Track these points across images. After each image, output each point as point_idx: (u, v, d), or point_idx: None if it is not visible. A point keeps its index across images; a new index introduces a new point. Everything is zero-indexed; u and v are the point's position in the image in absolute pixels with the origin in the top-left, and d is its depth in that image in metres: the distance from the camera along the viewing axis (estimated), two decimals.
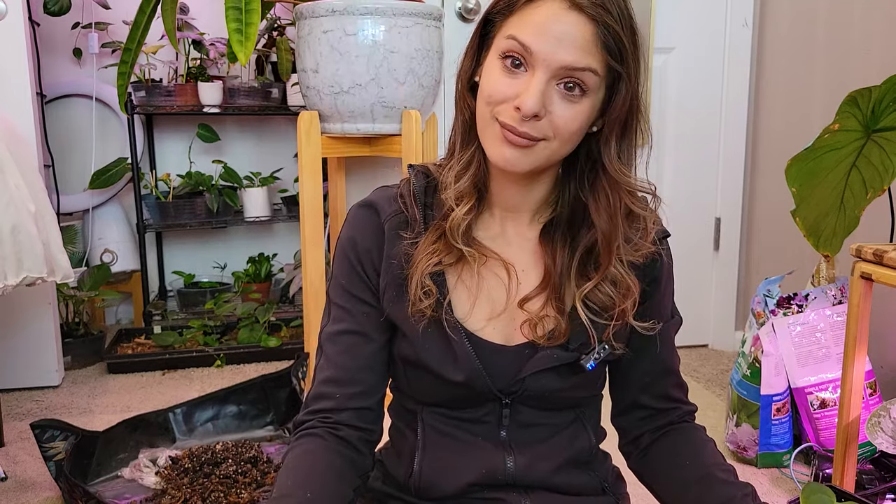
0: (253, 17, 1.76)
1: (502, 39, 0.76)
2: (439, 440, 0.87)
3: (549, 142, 0.76)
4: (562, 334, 0.82)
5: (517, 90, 0.74)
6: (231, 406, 1.96)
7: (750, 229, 2.64)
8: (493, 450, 0.86)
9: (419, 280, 0.80)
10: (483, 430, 0.86)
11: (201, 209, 2.79)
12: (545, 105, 0.74)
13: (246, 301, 2.77)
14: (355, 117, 1.92)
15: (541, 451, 0.87)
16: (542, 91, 0.73)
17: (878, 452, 1.62)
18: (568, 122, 0.75)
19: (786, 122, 2.47)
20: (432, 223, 0.83)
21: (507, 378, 0.83)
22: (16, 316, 2.21)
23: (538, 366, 0.82)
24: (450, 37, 2.06)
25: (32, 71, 2.20)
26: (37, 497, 1.65)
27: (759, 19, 2.52)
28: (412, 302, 0.81)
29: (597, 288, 0.81)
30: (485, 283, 0.84)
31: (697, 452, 0.89)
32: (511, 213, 0.86)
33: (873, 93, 1.57)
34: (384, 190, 0.88)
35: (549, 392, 0.85)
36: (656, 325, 0.85)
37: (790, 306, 1.80)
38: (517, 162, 0.77)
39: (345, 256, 0.86)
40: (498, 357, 0.83)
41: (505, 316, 0.84)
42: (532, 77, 0.74)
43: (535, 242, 0.86)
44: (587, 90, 0.75)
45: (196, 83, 2.71)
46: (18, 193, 1.70)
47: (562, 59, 0.73)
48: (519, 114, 0.74)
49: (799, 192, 1.74)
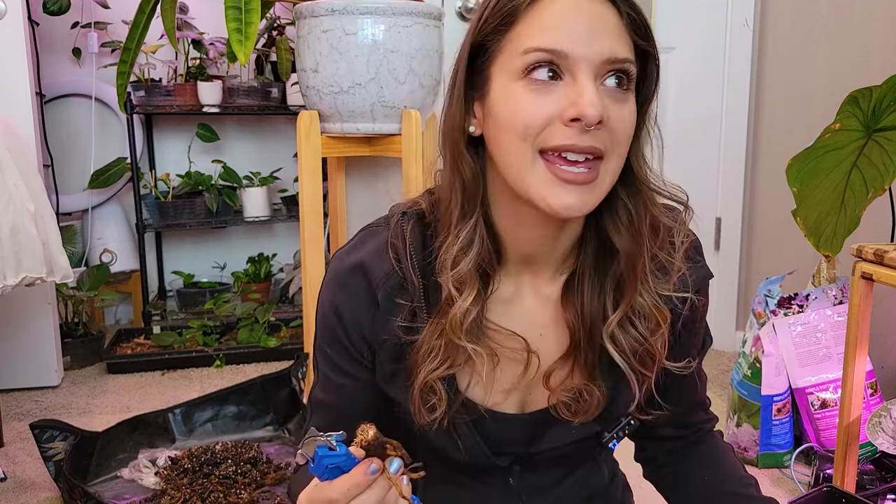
0: (252, 16, 1.76)
1: (517, 59, 0.62)
2: (440, 484, 0.79)
3: (607, 161, 0.63)
4: (594, 405, 0.72)
5: (563, 102, 0.61)
6: (231, 406, 1.95)
7: (750, 229, 2.63)
8: (502, 497, 0.79)
9: (421, 391, 0.69)
10: (491, 480, 0.79)
11: (201, 209, 2.79)
12: (604, 109, 0.61)
13: (245, 301, 2.77)
14: (355, 117, 1.92)
15: (553, 496, 0.81)
16: (597, 91, 0.61)
17: (879, 453, 1.62)
18: (626, 126, 0.63)
19: (786, 121, 2.46)
20: (434, 306, 0.69)
21: (517, 447, 0.76)
22: (15, 316, 2.21)
23: (555, 441, 0.75)
24: (450, 36, 2.06)
25: (32, 70, 2.20)
26: (36, 497, 1.65)
27: (760, 19, 2.51)
28: (416, 412, 0.70)
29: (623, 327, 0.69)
30: (499, 366, 0.71)
31: (717, 465, 0.86)
32: (531, 266, 0.72)
33: (874, 92, 1.56)
34: (372, 236, 0.72)
35: (563, 457, 0.79)
36: (691, 364, 0.75)
37: (791, 306, 1.80)
38: (583, 204, 0.62)
39: (328, 326, 0.73)
40: (510, 428, 0.74)
41: (522, 388, 0.74)
42: (576, 81, 0.61)
43: (556, 300, 0.73)
44: (630, 84, 0.63)
45: (195, 83, 2.71)
46: (18, 193, 1.69)
47: (601, 53, 0.61)
48: (577, 126, 0.60)
49: (800, 191, 1.74)
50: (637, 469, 0.96)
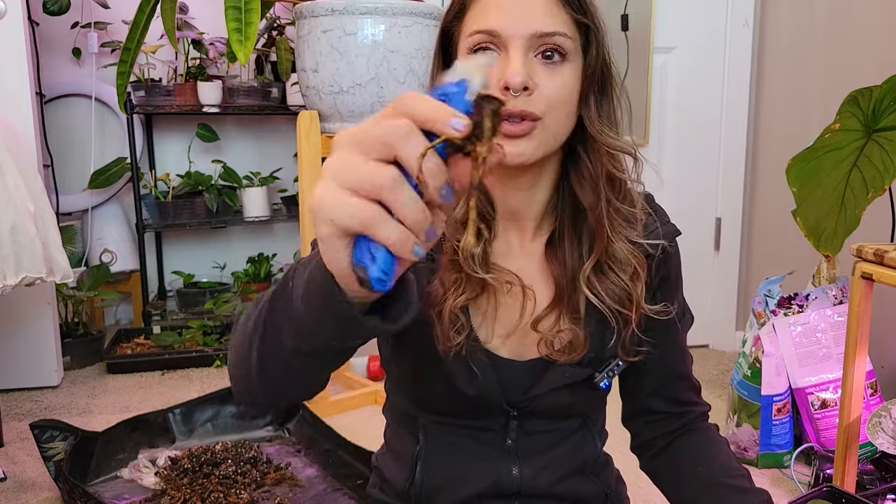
0: (252, 16, 1.76)
1: (466, 40, 0.74)
2: (442, 449, 0.84)
3: (544, 121, 0.73)
4: (580, 345, 0.79)
5: (498, 75, 0.71)
6: (230, 406, 1.95)
7: (750, 229, 2.63)
8: (498, 459, 0.84)
9: (449, 317, 0.75)
10: (488, 439, 0.84)
11: (201, 209, 2.79)
12: (531, 77, 0.71)
13: (245, 301, 2.77)
14: (355, 117, 1.92)
15: (547, 459, 0.85)
16: (523, 62, 0.71)
17: (879, 453, 1.62)
18: (557, 92, 0.72)
19: (786, 121, 2.46)
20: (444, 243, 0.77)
21: (517, 393, 0.81)
22: (15, 316, 2.21)
23: (551, 384, 0.80)
24: None
25: (32, 70, 2.20)
26: (36, 497, 1.65)
27: (760, 19, 2.51)
28: (441, 339, 0.76)
29: (602, 273, 0.78)
30: (500, 304, 0.80)
31: (711, 456, 0.87)
32: (514, 222, 0.82)
33: (874, 92, 1.56)
34: None
35: (560, 407, 0.83)
36: (669, 308, 0.82)
37: (791, 306, 1.80)
38: (522, 152, 0.72)
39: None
40: (510, 373, 0.81)
41: (518, 332, 0.81)
42: (507, 54, 0.71)
43: (541, 256, 0.82)
44: (566, 55, 0.73)
45: (195, 83, 2.71)
46: (17, 193, 1.69)
47: (530, 28, 0.71)
48: (509, 93, 0.70)
49: (799, 191, 1.74)
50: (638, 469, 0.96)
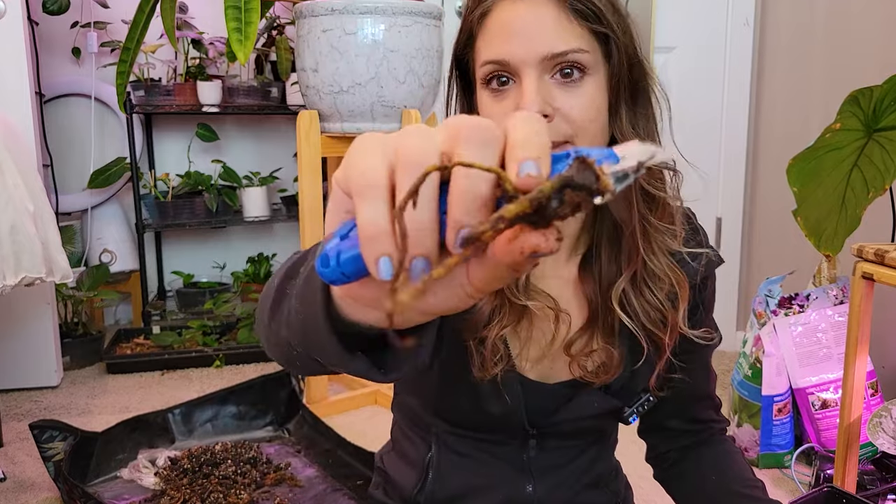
0: (252, 16, 1.76)
1: (479, 70, 0.70)
2: (456, 459, 0.82)
3: (575, 144, 0.68)
4: (614, 366, 0.76)
5: (514, 105, 0.68)
6: (230, 406, 1.95)
7: (751, 229, 2.63)
8: (513, 475, 0.82)
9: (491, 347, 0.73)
10: (504, 454, 0.82)
11: (200, 209, 2.78)
12: (548, 102, 0.67)
13: (245, 301, 2.77)
14: (355, 117, 1.92)
15: (563, 475, 0.83)
16: (537, 89, 0.66)
17: (880, 453, 1.62)
18: (582, 111, 0.67)
19: (787, 121, 2.46)
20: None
21: (542, 416, 0.79)
22: (14, 316, 2.20)
23: (577, 412, 0.78)
24: (449, 36, 2.06)
25: (31, 70, 2.20)
26: (36, 497, 1.64)
27: (760, 19, 2.51)
28: (479, 367, 0.74)
29: (637, 288, 0.74)
30: (534, 328, 0.77)
31: (727, 467, 0.87)
32: None
33: (874, 92, 1.56)
34: None
35: (581, 430, 0.81)
36: (712, 334, 0.79)
37: (791, 306, 1.80)
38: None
39: None
40: (536, 395, 0.78)
41: (549, 356, 0.79)
42: (520, 83, 0.67)
43: (574, 276, 0.78)
44: (586, 69, 0.68)
45: (195, 82, 2.71)
46: (17, 193, 1.69)
47: (539, 52, 0.66)
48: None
49: (800, 191, 1.74)
50: (639, 470, 0.96)
